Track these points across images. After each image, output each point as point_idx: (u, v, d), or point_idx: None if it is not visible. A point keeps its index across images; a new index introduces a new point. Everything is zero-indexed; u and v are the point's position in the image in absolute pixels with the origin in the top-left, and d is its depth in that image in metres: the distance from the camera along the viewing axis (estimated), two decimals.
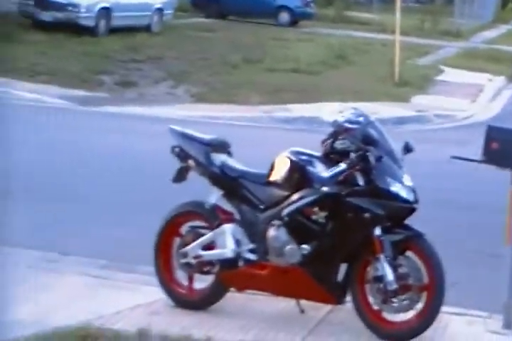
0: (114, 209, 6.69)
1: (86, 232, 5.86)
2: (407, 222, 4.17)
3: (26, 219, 5.78)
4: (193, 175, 4.83)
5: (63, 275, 4.91)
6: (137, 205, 6.70)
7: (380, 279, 4.03)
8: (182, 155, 4.72)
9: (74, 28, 18.07)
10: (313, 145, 4.58)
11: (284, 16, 26.50)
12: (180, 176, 4.73)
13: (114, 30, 19.10)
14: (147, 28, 20.67)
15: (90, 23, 18.58)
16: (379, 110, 11.08)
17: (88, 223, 6.16)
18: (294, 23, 26.33)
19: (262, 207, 4.41)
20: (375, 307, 4.12)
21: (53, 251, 5.33)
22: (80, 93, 12.66)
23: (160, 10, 21.57)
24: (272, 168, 4.43)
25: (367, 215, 4.05)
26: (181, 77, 14.58)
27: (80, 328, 4.02)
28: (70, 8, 18.37)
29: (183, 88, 13.69)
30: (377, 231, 4.08)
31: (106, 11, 19.01)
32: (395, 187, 4.10)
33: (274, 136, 10.19)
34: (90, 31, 18.40)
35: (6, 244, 5.20)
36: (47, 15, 18.36)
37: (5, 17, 18.95)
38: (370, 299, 4.12)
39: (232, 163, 4.59)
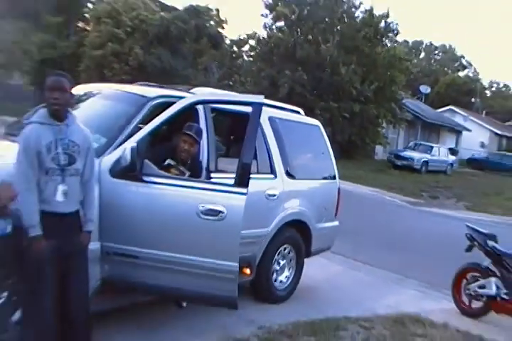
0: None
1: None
2: None
3: None
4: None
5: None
6: (444, 260, 8.14)
7: None
8: (471, 239, 5.95)
9: (410, 169, 24.23)
10: None
11: None
12: (469, 249, 6.03)
13: (429, 172, 24.91)
14: (445, 172, 26.47)
15: (418, 167, 24.67)
16: None
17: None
18: None
19: None
20: None
21: None
22: (411, 199, 16.52)
23: (451, 164, 27.92)
24: None
25: None
26: (460, 197, 18.74)
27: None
28: (410, 159, 24.72)
29: (461, 203, 17.56)
30: None
31: (425, 162, 25.21)
32: None
33: None
34: (417, 171, 24.43)
35: None
36: (398, 162, 24.89)
37: (380, 162, 26.10)
38: None
39: (498, 246, 5.80)
